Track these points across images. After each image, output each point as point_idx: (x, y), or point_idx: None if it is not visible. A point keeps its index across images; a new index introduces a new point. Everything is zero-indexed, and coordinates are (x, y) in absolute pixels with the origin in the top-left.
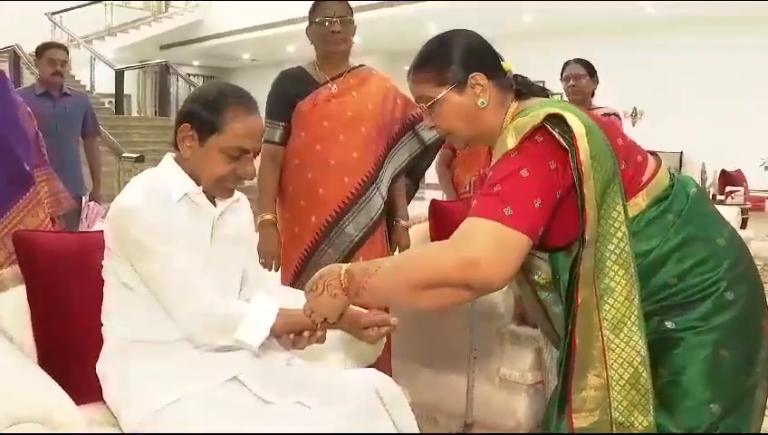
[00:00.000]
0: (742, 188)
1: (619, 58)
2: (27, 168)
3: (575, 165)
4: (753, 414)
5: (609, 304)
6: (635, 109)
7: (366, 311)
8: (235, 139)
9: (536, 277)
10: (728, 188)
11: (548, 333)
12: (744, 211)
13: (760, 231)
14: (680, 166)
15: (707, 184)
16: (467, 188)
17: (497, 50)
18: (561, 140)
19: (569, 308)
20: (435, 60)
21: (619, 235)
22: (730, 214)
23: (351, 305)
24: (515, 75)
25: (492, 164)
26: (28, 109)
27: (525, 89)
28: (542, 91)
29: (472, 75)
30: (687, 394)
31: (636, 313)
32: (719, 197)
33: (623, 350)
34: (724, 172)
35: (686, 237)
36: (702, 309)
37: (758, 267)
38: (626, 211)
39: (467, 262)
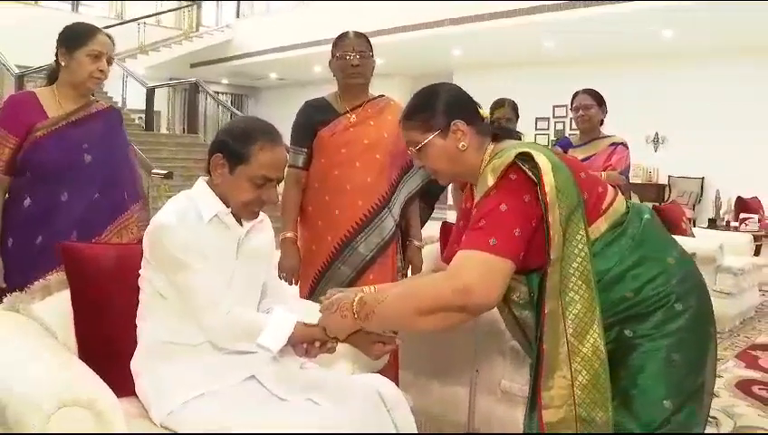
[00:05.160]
0: (756, 216)
1: (641, 84)
2: (126, 196)
3: (541, 195)
4: (702, 409)
5: (573, 314)
6: (656, 134)
7: None
8: (260, 169)
9: (514, 297)
10: (742, 215)
11: (522, 346)
12: (757, 238)
13: None
14: (701, 191)
15: (722, 211)
16: None
17: (519, 74)
18: (530, 174)
19: (538, 317)
20: (421, 110)
21: (582, 255)
22: (743, 241)
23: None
24: (492, 121)
25: (475, 200)
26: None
27: (501, 133)
28: (516, 135)
29: (453, 122)
30: (644, 392)
31: (596, 322)
32: (733, 223)
33: (585, 354)
34: (739, 199)
35: (639, 257)
36: (655, 319)
37: None
38: (587, 235)
39: (462, 289)
